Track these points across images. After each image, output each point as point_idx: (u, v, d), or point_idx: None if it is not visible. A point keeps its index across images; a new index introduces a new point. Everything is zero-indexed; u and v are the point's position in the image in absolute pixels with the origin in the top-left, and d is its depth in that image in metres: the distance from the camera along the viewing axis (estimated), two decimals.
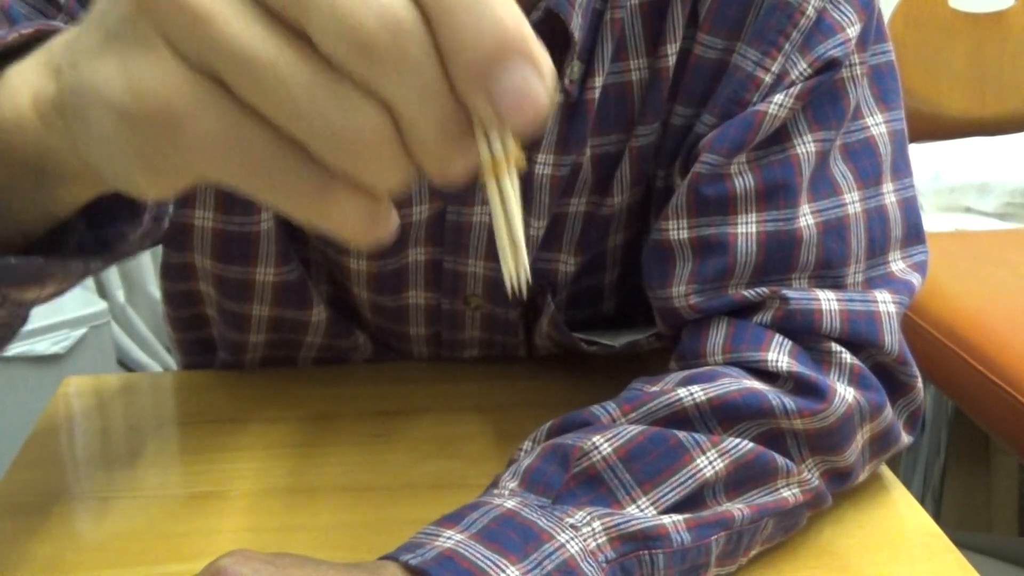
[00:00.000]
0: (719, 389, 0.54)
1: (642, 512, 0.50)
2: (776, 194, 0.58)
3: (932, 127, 1.74)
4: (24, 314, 0.42)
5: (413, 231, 0.65)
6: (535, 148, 0.60)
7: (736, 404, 0.54)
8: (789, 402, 0.54)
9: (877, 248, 0.60)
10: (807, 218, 0.58)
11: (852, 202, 0.59)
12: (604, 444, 0.52)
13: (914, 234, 0.62)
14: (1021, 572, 1.39)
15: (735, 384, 0.55)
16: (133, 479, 0.62)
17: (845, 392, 0.56)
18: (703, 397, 0.54)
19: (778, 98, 0.56)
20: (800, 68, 0.57)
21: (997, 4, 1.78)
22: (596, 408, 0.55)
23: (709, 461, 0.52)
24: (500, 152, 0.27)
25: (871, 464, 0.60)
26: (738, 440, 0.53)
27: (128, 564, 0.54)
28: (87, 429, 0.69)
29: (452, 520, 0.48)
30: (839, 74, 0.58)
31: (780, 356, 0.56)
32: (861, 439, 0.58)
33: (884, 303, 0.58)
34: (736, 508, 0.52)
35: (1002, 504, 1.60)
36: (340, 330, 0.71)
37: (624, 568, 0.49)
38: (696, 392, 0.54)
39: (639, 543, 0.49)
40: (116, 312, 1.91)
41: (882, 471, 0.63)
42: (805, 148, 0.58)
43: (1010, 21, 1.77)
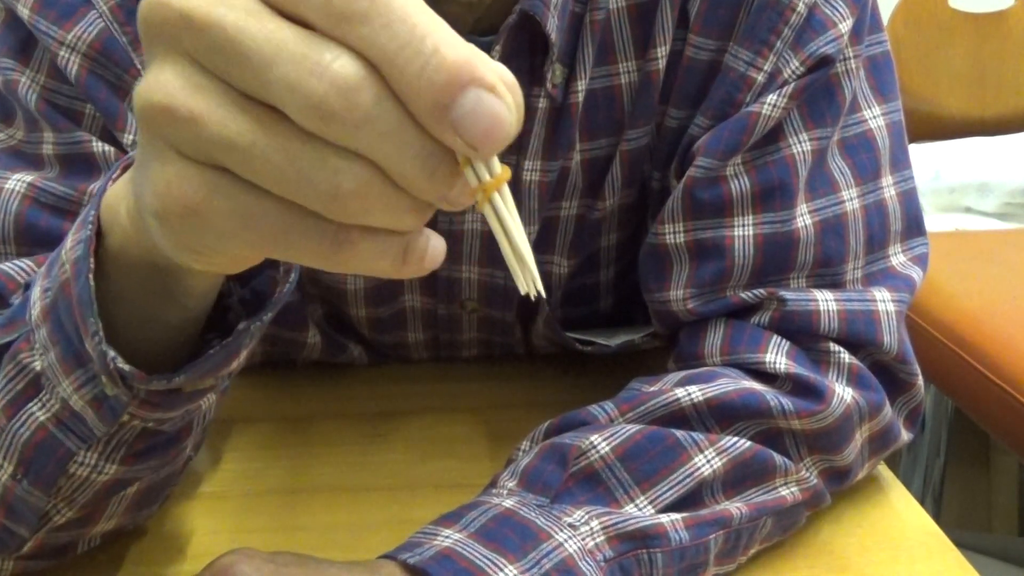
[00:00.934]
0: (717, 389, 0.54)
1: (640, 511, 0.50)
2: (772, 195, 0.58)
3: (932, 127, 1.74)
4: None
5: None
6: (522, 154, 0.60)
7: (734, 404, 0.54)
8: (787, 403, 0.54)
9: (876, 243, 0.60)
10: (804, 218, 0.58)
11: (850, 199, 0.59)
12: (602, 443, 0.52)
13: (914, 226, 0.62)
14: (1021, 572, 1.40)
15: (733, 384, 0.55)
16: None
17: (843, 392, 0.56)
18: (701, 397, 0.54)
19: (771, 98, 0.56)
20: (792, 66, 0.56)
21: (997, 4, 1.78)
22: (594, 408, 0.55)
23: (707, 460, 0.52)
24: (486, 174, 0.28)
25: (870, 462, 0.60)
26: (736, 439, 0.53)
27: (128, 564, 0.54)
28: None
29: (451, 519, 0.49)
30: (833, 70, 0.57)
31: (778, 357, 0.56)
32: (860, 438, 0.58)
33: (883, 302, 0.58)
34: (734, 507, 0.52)
35: (1002, 504, 1.60)
36: (335, 348, 0.72)
37: (622, 567, 0.49)
38: (694, 392, 0.54)
39: (637, 542, 0.49)
40: None
41: (881, 471, 0.63)
42: (801, 147, 0.58)
43: (1010, 21, 1.77)
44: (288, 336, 0.69)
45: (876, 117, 0.60)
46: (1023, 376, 1.07)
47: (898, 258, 0.61)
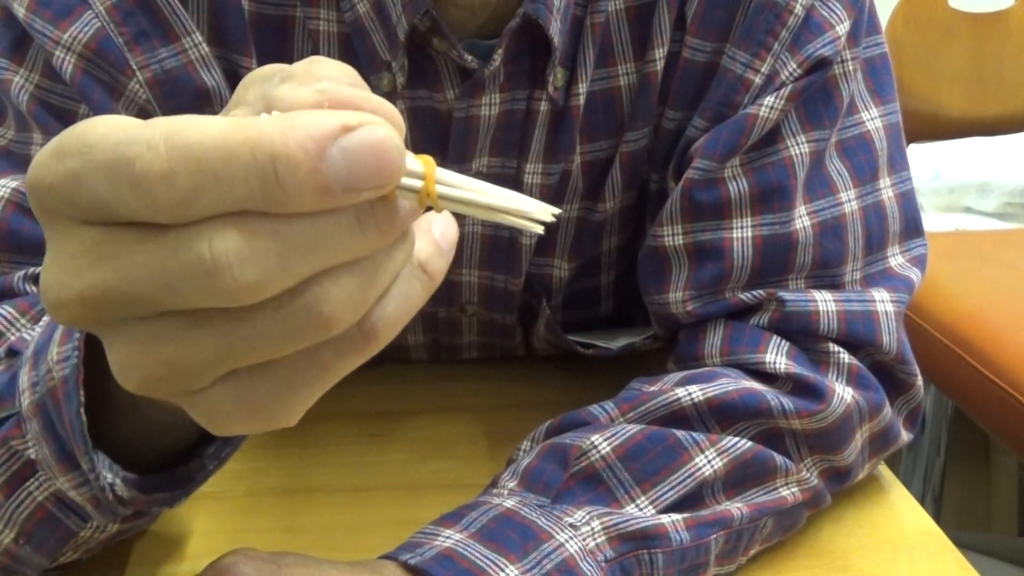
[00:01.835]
0: (717, 389, 0.54)
1: (641, 511, 0.50)
2: (771, 197, 0.58)
3: (932, 127, 1.74)
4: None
5: None
6: (523, 157, 0.60)
7: (734, 404, 0.54)
8: (787, 402, 0.54)
9: (875, 244, 0.60)
10: (803, 219, 0.58)
11: (848, 200, 0.59)
12: (603, 443, 0.52)
13: (912, 228, 0.62)
14: (1021, 572, 1.39)
15: (733, 384, 0.55)
16: None
17: (843, 392, 0.56)
18: (701, 397, 0.54)
19: (769, 100, 0.56)
20: (790, 68, 0.56)
21: (997, 4, 1.78)
22: (594, 408, 0.55)
23: (708, 460, 0.52)
24: (415, 181, 0.27)
25: (871, 462, 0.60)
26: (737, 439, 0.53)
27: (128, 564, 0.54)
28: None
29: (451, 519, 0.49)
30: (830, 72, 0.57)
31: (778, 357, 0.56)
32: (860, 438, 0.58)
33: (882, 302, 0.58)
34: (735, 507, 0.52)
35: (1002, 504, 1.60)
36: None
37: (623, 567, 0.49)
38: (694, 392, 0.54)
39: (638, 542, 0.49)
40: None
41: (882, 471, 0.63)
42: (799, 149, 0.58)
43: (1010, 21, 1.77)
44: None
45: (874, 119, 0.60)
46: (1023, 376, 1.07)
47: (896, 259, 0.61)
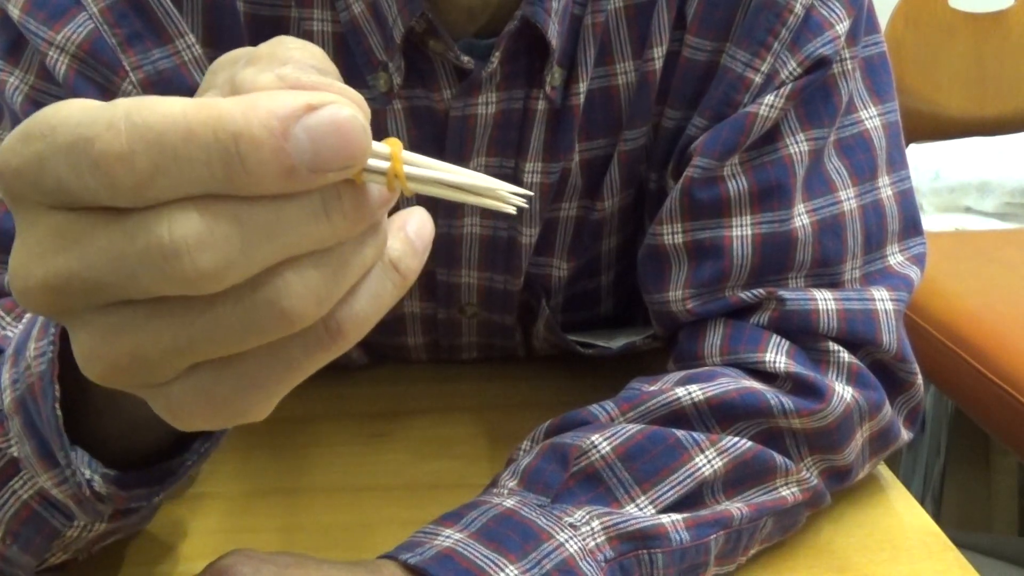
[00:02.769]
0: (717, 388, 0.54)
1: (641, 511, 0.50)
2: (770, 195, 0.58)
3: (932, 127, 1.74)
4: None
5: None
6: (522, 156, 0.60)
7: (734, 403, 0.54)
8: (787, 402, 0.54)
9: (874, 243, 0.60)
10: (802, 218, 0.58)
11: (847, 199, 0.59)
12: (603, 443, 0.52)
13: (911, 226, 0.62)
14: (1021, 572, 1.39)
15: (733, 384, 0.55)
16: None
17: (843, 391, 0.56)
18: (701, 396, 0.54)
19: (768, 99, 0.56)
20: (790, 68, 0.57)
21: (997, 4, 1.77)
22: (594, 407, 0.55)
23: (708, 460, 0.52)
24: (381, 162, 0.26)
25: (871, 462, 0.60)
26: (737, 439, 0.53)
27: (127, 564, 0.54)
28: None
29: (451, 519, 0.49)
30: (830, 71, 0.57)
31: (778, 356, 0.56)
32: (860, 438, 0.58)
33: (881, 301, 0.58)
34: (735, 507, 0.52)
35: (1002, 504, 1.60)
36: None
37: (623, 567, 0.49)
38: (694, 391, 0.54)
39: (638, 542, 0.49)
40: None
41: (882, 471, 0.63)
42: (798, 147, 0.58)
43: (1010, 21, 1.77)
44: None
45: (873, 118, 0.60)
46: (1023, 376, 1.07)
47: (896, 258, 0.61)
